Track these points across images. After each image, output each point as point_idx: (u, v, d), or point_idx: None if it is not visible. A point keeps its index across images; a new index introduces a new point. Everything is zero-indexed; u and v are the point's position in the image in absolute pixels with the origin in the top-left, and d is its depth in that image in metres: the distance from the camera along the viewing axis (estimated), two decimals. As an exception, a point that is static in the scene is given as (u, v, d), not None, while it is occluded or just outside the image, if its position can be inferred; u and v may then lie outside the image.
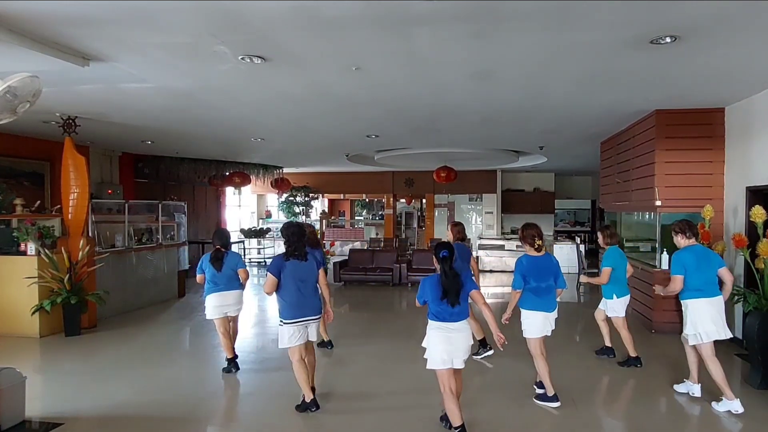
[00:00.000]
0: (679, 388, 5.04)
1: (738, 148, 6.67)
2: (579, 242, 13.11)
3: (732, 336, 4.78)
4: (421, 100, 6.51)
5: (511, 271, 14.71)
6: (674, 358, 6.09)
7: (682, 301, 4.73)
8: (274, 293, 4.54)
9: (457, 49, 4.47)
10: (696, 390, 4.90)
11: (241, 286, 5.70)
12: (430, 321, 3.94)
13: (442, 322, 3.87)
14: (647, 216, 7.85)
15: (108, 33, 4.10)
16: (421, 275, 9.50)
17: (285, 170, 15.64)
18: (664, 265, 7.10)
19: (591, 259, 13.62)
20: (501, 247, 14.27)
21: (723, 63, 4.93)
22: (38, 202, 8.13)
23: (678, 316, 7.00)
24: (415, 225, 22.21)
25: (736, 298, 5.54)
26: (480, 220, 18.13)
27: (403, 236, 19.73)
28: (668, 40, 4.18)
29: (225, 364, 5.69)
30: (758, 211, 5.33)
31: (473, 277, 5.27)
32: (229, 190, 17.33)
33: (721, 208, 6.90)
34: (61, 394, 5.05)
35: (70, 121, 7.34)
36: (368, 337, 7.28)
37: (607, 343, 6.18)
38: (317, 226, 17.12)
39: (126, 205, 9.11)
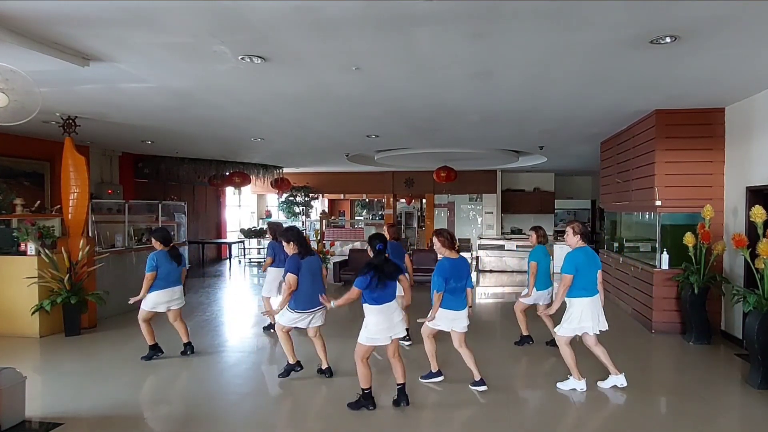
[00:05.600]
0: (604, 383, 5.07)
1: (738, 148, 6.67)
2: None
3: (607, 327, 5.03)
4: (421, 100, 6.51)
5: (511, 271, 14.69)
6: (675, 359, 6.09)
7: (567, 299, 4.94)
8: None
9: (457, 49, 4.47)
10: (622, 380, 5.00)
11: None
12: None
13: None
14: (647, 216, 7.85)
15: (108, 33, 4.10)
16: (421, 275, 9.50)
17: (285, 170, 15.64)
18: (664, 265, 7.10)
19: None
20: (501, 247, 14.27)
21: (723, 63, 4.93)
22: (38, 202, 8.11)
23: (678, 316, 7.06)
24: (415, 225, 22.20)
25: (735, 298, 5.54)
26: (480, 220, 18.13)
27: (403, 236, 19.71)
28: (668, 40, 4.18)
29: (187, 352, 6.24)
30: (758, 211, 5.33)
31: (406, 273, 5.53)
32: (229, 190, 17.35)
33: (721, 208, 6.90)
34: (61, 394, 5.03)
35: (70, 121, 7.34)
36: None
37: (524, 332, 6.54)
38: (317, 226, 17.14)
39: (126, 205, 9.09)
